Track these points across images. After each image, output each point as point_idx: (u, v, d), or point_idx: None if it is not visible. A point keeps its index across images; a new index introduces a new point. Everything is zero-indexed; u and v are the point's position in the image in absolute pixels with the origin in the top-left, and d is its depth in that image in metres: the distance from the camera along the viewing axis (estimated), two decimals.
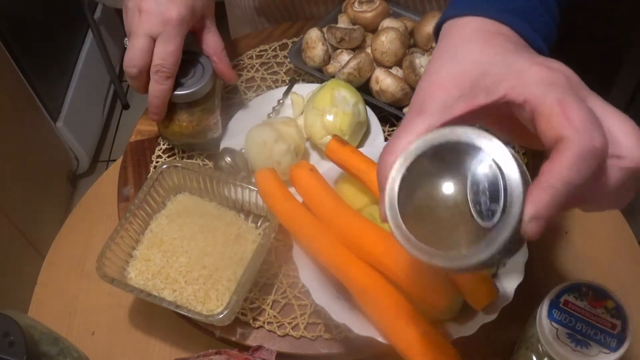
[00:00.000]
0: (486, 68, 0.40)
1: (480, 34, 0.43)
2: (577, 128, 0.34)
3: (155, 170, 0.70)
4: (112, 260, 0.64)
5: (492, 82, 0.38)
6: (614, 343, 0.49)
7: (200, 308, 0.62)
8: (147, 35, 0.67)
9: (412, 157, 0.37)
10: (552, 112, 0.35)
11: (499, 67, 0.39)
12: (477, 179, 0.35)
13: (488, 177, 0.35)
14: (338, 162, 0.62)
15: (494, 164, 0.35)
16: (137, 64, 0.68)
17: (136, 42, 0.68)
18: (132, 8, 0.69)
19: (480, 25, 0.43)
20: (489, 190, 0.35)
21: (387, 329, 0.53)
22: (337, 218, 0.58)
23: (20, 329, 0.49)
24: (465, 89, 0.40)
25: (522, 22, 0.44)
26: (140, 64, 0.68)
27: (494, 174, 0.35)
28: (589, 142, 0.34)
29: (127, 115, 2.08)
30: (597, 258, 0.71)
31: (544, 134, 0.36)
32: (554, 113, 0.35)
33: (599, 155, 0.35)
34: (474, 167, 0.36)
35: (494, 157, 0.35)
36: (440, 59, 0.43)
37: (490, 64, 0.40)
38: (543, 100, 0.36)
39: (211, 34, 0.75)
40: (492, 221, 0.35)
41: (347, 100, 0.71)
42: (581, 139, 0.34)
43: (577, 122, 0.34)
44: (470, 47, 0.42)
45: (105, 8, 1.99)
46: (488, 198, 0.35)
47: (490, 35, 0.43)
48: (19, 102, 1.57)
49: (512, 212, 0.34)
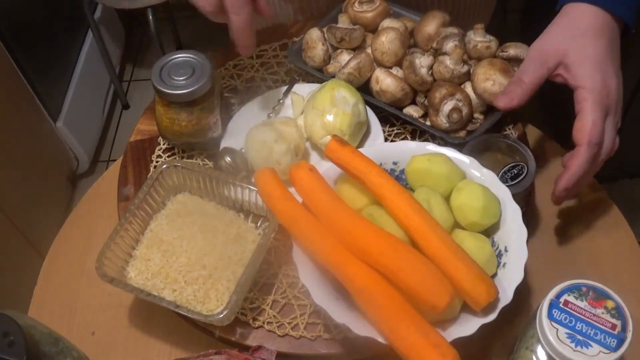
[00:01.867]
0: (575, 61, 0.64)
1: (591, 32, 0.64)
2: (591, 141, 0.62)
3: (155, 170, 0.70)
4: (112, 260, 0.64)
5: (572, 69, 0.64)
6: (614, 343, 0.49)
7: (200, 308, 0.63)
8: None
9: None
10: (584, 126, 0.62)
11: (584, 68, 0.64)
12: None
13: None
14: (338, 162, 0.62)
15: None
16: (209, 2, 0.65)
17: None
18: None
19: (594, 20, 0.64)
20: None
21: (387, 329, 0.53)
22: (337, 218, 0.58)
23: (20, 329, 0.49)
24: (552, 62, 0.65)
25: (625, 10, 0.65)
26: (212, 1, 0.65)
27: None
28: (594, 151, 0.62)
29: (127, 115, 2.08)
30: (597, 258, 0.71)
31: (574, 128, 0.63)
32: (585, 128, 0.62)
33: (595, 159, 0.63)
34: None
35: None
36: (553, 32, 0.66)
37: (581, 62, 0.64)
38: (586, 114, 0.62)
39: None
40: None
41: (347, 100, 0.71)
42: (591, 150, 0.62)
43: (593, 139, 0.61)
44: (581, 41, 0.64)
45: (105, 8, 1.98)
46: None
47: (596, 36, 0.64)
48: (19, 102, 1.57)
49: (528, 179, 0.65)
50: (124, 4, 1.70)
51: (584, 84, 0.63)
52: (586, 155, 0.62)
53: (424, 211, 0.58)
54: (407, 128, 0.78)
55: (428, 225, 0.56)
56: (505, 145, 0.68)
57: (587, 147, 0.61)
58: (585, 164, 0.62)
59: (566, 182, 0.63)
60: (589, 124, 0.61)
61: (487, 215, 0.60)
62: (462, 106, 0.71)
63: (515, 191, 0.64)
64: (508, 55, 0.74)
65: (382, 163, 0.66)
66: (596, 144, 0.62)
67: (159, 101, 0.73)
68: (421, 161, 0.63)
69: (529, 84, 0.66)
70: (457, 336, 0.54)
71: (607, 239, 0.73)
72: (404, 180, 0.66)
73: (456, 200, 0.61)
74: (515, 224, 0.60)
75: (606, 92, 0.62)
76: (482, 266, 0.56)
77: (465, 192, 0.61)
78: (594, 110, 0.62)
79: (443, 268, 0.55)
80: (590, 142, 0.61)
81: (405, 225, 0.57)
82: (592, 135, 0.61)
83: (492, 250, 0.59)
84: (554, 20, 0.66)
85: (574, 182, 0.63)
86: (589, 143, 0.61)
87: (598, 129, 0.61)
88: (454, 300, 0.54)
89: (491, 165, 0.66)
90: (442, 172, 0.62)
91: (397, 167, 0.67)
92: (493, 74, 0.71)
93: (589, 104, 0.62)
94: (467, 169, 0.64)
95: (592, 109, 0.62)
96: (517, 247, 0.59)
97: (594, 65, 0.63)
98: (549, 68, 0.65)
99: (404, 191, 0.59)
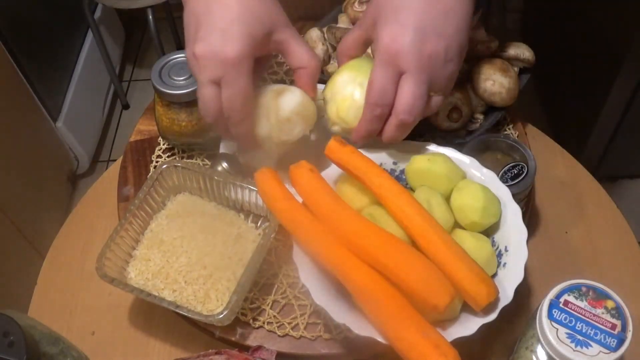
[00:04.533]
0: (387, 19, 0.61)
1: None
2: (369, 101, 0.61)
3: (156, 170, 0.70)
4: (112, 260, 0.64)
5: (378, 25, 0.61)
6: (614, 343, 0.49)
7: (200, 308, 0.63)
8: (209, 82, 0.60)
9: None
10: (367, 86, 0.61)
11: (384, 26, 0.60)
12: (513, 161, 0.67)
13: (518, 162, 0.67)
14: (338, 162, 0.62)
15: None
16: (209, 113, 0.62)
17: (203, 92, 0.61)
18: (189, 56, 0.61)
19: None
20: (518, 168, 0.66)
21: (387, 329, 0.53)
22: (337, 218, 0.58)
23: (20, 329, 0.49)
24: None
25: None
26: (213, 113, 0.62)
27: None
28: (376, 112, 0.61)
29: (127, 115, 2.08)
30: (597, 258, 0.71)
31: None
32: (367, 87, 0.61)
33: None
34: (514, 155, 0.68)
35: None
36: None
37: (386, 19, 0.60)
38: (371, 73, 0.61)
39: (292, 45, 0.64)
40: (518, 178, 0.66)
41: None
42: (372, 110, 0.61)
43: (371, 99, 0.60)
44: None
45: (105, 8, 1.99)
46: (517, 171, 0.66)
47: (436, 4, 0.60)
48: (19, 102, 1.57)
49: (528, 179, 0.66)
50: (124, 4, 1.70)
51: (377, 42, 0.61)
52: (367, 115, 0.61)
53: (424, 211, 0.58)
54: None
55: (428, 225, 0.56)
56: (505, 145, 0.68)
57: (367, 107, 0.61)
58: (368, 122, 0.61)
59: (355, 136, 0.63)
60: (370, 83, 0.61)
61: (487, 215, 0.60)
62: (462, 106, 0.71)
63: (515, 191, 0.64)
64: (508, 55, 0.74)
65: (382, 163, 0.66)
66: (376, 104, 0.60)
67: (158, 101, 0.73)
68: (421, 161, 0.63)
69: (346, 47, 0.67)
70: (457, 336, 0.54)
71: (607, 239, 0.73)
72: (404, 180, 0.66)
73: (456, 200, 0.61)
74: (516, 223, 0.60)
75: (395, 50, 0.58)
76: (483, 266, 0.56)
77: (466, 192, 0.61)
78: (376, 70, 0.60)
79: (443, 268, 0.55)
80: (369, 102, 0.60)
81: (406, 225, 0.57)
82: (371, 95, 0.60)
83: (492, 250, 0.59)
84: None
85: (361, 137, 0.63)
86: (368, 103, 0.61)
87: (378, 89, 0.60)
88: (454, 300, 0.54)
89: (491, 165, 0.66)
90: (442, 172, 0.62)
91: (397, 167, 0.67)
92: (493, 73, 0.71)
93: (375, 63, 0.60)
94: (467, 169, 0.64)
95: (375, 69, 0.60)
96: (517, 247, 0.59)
97: (394, 23, 0.60)
98: (363, 26, 0.64)
99: (404, 191, 0.59)
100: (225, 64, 0.59)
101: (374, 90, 0.60)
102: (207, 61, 0.59)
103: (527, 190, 0.67)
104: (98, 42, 1.89)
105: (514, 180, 0.65)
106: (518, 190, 0.64)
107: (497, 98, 0.72)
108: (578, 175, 0.79)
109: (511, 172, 0.66)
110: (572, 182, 0.78)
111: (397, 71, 0.59)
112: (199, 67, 0.60)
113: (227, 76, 0.60)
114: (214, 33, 0.59)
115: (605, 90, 1.44)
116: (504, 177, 0.66)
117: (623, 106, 1.45)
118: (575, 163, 0.81)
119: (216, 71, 0.59)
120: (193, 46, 0.60)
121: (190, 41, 0.61)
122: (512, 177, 0.66)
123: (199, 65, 0.60)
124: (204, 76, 0.60)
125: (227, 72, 0.59)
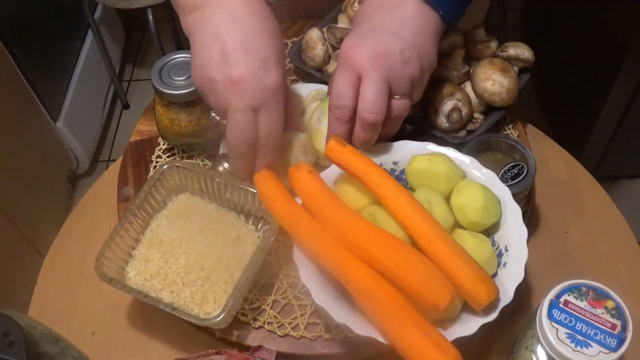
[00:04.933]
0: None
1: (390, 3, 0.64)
2: (331, 103, 0.63)
3: (157, 170, 0.70)
4: (111, 260, 0.64)
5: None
6: (614, 343, 0.49)
7: (197, 310, 0.62)
8: (249, 109, 0.59)
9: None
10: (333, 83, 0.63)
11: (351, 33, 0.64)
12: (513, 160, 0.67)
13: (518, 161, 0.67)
14: (338, 162, 0.62)
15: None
16: (245, 140, 0.60)
17: (239, 118, 0.59)
18: (220, 80, 0.59)
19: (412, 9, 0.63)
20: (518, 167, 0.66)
21: (387, 329, 0.53)
22: (337, 219, 0.58)
23: (20, 329, 0.49)
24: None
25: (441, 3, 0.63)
26: (249, 140, 0.60)
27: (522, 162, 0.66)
28: (337, 114, 0.63)
29: (127, 115, 2.08)
30: (597, 258, 0.71)
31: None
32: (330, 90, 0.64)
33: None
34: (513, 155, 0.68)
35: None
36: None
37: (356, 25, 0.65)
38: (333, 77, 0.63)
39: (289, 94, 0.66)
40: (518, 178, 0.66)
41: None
42: (334, 111, 0.63)
43: (333, 101, 0.63)
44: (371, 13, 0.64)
45: (105, 8, 1.99)
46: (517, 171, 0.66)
47: (394, 12, 0.63)
48: (19, 102, 1.57)
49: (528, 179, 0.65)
50: (124, 4, 1.70)
51: (339, 52, 0.64)
52: (330, 118, 0.63)
53: (424, 211, 0.58)
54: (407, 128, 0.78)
55: (428, 225, 0.56)
56: (505, 145, 0.68)
57: (329, 111, 0.63)
58: (330, 127, 0.64)
59: (327, 140, 0.64)
60: (330, 88, 0.64)
61: (487, 215, 0.60)
62: (462, 106, 0.71)
63: (515, 191, 0.64)
64: (508, 55, 0.74)
65: (382, 163, 0.66)
66: (336, 107, 0.62)
67: (158, 101, 0.73)
68: (421, 161, 0.63)
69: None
70: (457, 336, 0.54)
71: (607, 239, 0.73)
72: (404, 180, 0.66)
73: (456, 200, 0.61)
74: (516, 223, 0.60)
75: (351, 53, 0.61)
76: (483, 266, 0.56)
77: (466, 191, 0.61)
78: (336, 74, 0.63)
79: (444, 268, 0.55)
80: (330, 105, 0.63)
81: (406, 225, 0.57)
82: (331, 99, 0.63)
83: (492, 250, 0.59)
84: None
85: (329, 139, 0.63)
86: (330, 107, 0.63)
87: (336, 91, 0.62)
88: (454, 300, 0.54)
89: (491, 165, 0.66)
90: (442, 172, 0.62)
91: (397, 167, 0.67)
92: (493, 73, 0.71)
93: (336, 68, 0.63)
94: (467, 169, 0.64)
95: (335, 72, 0.63)
96: (518, 247, 0.59)
97: (353, 33, 0.63)
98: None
99: (404, 191, 0.59)
100: (267, 91, 0.59)
101: (333, 92, 0.62)
102: (249, 86, 0.58)
103: (527, 190, 0.67)
104: (98, 42, 1.89)
105: (514, 180, 0.65)
106: (518, 190, 0.64)
107: (497, 98, 0.72)
108: (578, 175, 0.79)
109: (511, 172, 0.66)
110: (572, 182, 0.78)
111: (354, 73, 0.61)
112: (237, 92, 0.58)
113: (268, 104, 0.59)
114: (253, 59, 0.59)
115: (605, 91, 1.44)
116: (504, 177, 0.66)
117: (623, 106, 1.45)
118: (575, 163, 0.81)
119: (258, 97, 0.59)
120: (225, 70, 0.58)
121: (215, 64, 0.59)
122: (512, 177, 0.66)
123: (237, 90, 0.58)
124: (241, 102, 0.59)
125: (268, 99, 0.59)
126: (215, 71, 0.59)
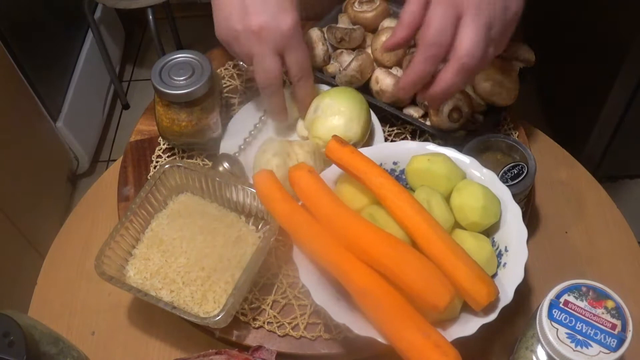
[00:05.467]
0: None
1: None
2: (423, 41, 0.59)
3: (158, 169, 0.70)
4: (111, 258, 0.64)
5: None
6: (614, 343, 0.49)
7: (197, 310, 0.62)
8: (272, 52, 0.65)
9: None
10: (423, 25, 0.59)
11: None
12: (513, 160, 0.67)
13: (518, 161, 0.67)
14: (338, 162, 0.62)
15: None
16: (273, 81, 0.67)
17: (265, 62, 0.65)
18: (242, 30, 0.64)
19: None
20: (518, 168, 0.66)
21: (387, 329, 0.53)
22: (337, 219, 0.58)
23: (20, 329, 0.49)
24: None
25: None
26: (277, 80, 0.67)
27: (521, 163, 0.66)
28: (429, 53, 0.59)
29: (127, 115, 2.08)
30: (597, 258, 0.71)
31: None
32: (423, 26, 0.59)
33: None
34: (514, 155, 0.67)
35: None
36: None
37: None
38: (427, 13, 0.59)
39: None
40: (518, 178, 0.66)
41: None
42: (426, 50, 0.60)
43: (426, 39, 0.59)
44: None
45: (105, 8, 1.98)
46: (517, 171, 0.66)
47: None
48: (19, 102, 1.57)
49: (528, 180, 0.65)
50: (124, 4, 1.70)
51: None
52: (421, 55, 0.60)
53: (424, 211, 0.58)
54: (407, 128, 0.78)
55: (428, 225, 0.56)
56: (505, 145, 0.68)
57: (421, 47, 0.60)
58: (420, 63, 0.60)
59: (403, 81, 0.62)
60: (427, 22, 0.59)
61: (487, 215, 0.60)
62: (462, 106, 0.71)
63: (515, 191, 0.64)
64: (508, 55, 0.74)
65: (382, 163, 0.66)
66: (433, 44, 0.59)
67: (158, 101, 0.73)
68: (421, 161, 0.63)
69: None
70: (457, 336, 0.54)
71: (607, 239, 0.73)
72: (404, 180, 0.66)
73: (456, 200, 0.61)
74: (516, 224, 0.60)
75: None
76: (483, 266, 0.56)
77: (466, 192, 0.61)
78: (436, 9, 0.59)
79: (443, 268, 0.55)
80: (425, 41, 0.59)
81: (406, 225, 0.57)
82: (427, 34, 0.59)
83: (492, 250, 0.59)
84: None
85: (411, 82, 0.61)
86: (423, 43, 0.59)
87: (436, 27, 0.58)
88: (454, 300, 0.54)
89: (491, 165, 0.66)
90: (442, 172, 0.62)
91: (397, 167, 0.67)
92: (493, 73, 0.71)
93: (434, 3, 0.59)
94: (467, 169, 0.64)
95: (435, 8, 0.59)
96: (517, 247, 0.59)
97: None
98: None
99: (404, 191, 0.59)
100: (287, 33, 0.64)
101: (432, 28, 0.59)
102: (269, 32, 0.63)
103: (527, 190, 0.67)
104: (98, 42, 1.89)
105: (514, 180, 0.65)
106: (518, 190, 0.64)
107: (497, 98, 0.72)
108: (578, 175, 0.79)
109: (511, 172, 0.66)
110: (572, 182, 0.78)
111: (456, 12, 0.58)
112: (259, 40, 0.63)
113: (290, 45, 0.65)
114: (270, 6, 0.63)
115: (605, 90, 1.44)
116: (504, 177, 0.66)
117: (623, 106, 1.45)
118: (575, 163, 0.81)
119: (280, 41, 0.64)
120: (246, 20, 0.63)
121: (236, 16, 0.63)
122: (512, 177, 0.66)
123: (260, 38, 0.63)
124: (264, 48, 0.64)
125: (289, 40, 0.65)
126: (237, 22, 0.64)
